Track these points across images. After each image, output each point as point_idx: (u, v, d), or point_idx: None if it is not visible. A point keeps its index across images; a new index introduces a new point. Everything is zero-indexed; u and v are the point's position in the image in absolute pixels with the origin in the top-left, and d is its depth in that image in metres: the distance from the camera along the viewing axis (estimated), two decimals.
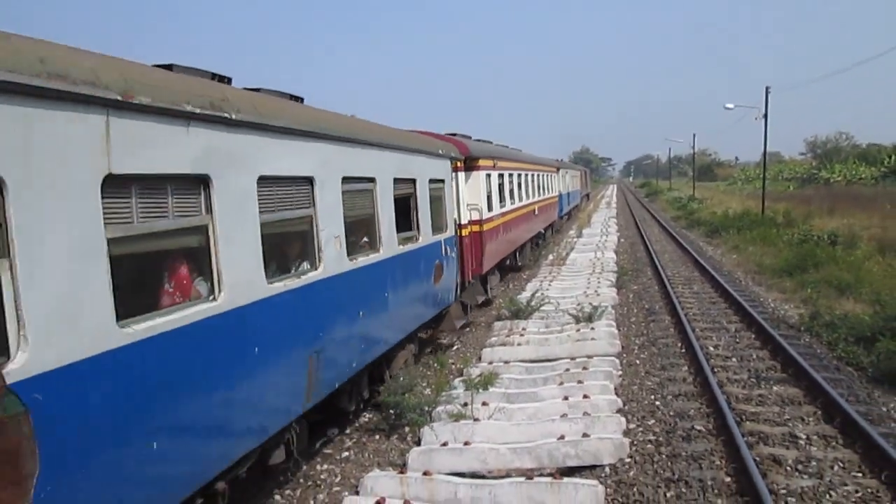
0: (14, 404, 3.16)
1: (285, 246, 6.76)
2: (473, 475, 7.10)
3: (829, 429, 7.76)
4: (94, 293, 3.74)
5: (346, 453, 8.14)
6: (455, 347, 12.92)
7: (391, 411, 8.76)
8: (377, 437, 8.58)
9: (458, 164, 13.24)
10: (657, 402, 8.94)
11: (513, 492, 6.46)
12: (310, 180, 6.61)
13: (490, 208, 15.55)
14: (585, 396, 8.74)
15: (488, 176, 15.66)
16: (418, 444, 7.97)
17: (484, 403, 8.78)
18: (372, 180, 8.35)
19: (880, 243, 23.69)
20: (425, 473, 6.96)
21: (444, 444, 7.70)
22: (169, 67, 5.13)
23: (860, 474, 6.61)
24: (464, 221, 13.69)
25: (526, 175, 21.95)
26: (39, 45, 3.60)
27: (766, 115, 34.67)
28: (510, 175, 18.77)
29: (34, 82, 3.31)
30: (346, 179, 7.39)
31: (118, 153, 3.95)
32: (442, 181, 11.73)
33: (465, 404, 8.69)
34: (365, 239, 8.41)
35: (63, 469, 3.46)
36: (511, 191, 18.81)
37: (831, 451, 7.19)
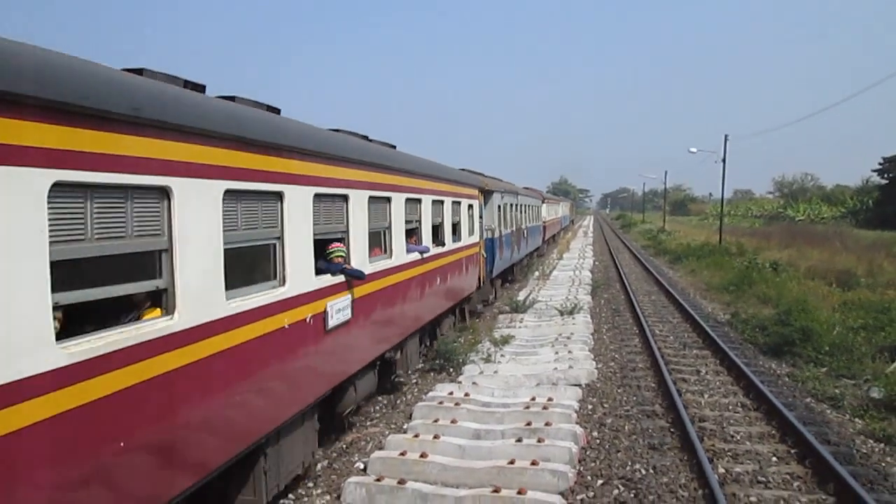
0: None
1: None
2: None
3: (721, 368, 12.48)
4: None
5: (414, 381, 12.53)
6: (471, 331, 17.38)
7: (438, 361, 13.21)
8: (431, 374, 12.98)
9: (541, 201, 36.28)
10: (616, 355, 13.59)
11: (528, 392, 10.92)
12: (523, 205, 27.12)
13: (547, 217, 40.13)
14: (569, 352, 13.28)
15: (546, 205, 39.76)
16: (461, 374, 12.38)
17: (502, 356, 13.30)
18: (531, 205, 30.69)
19: (813, 271, 28.79)
20: (473, 384, 11.43)
21: (481, 373, 12.18)
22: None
23: (730, 385, 11.27)
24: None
25: (553, 205, 48.70)
26: None
27: (724, 160, 39.95)
28: (551, 205, 45.08)
29: None
30: (518, 205, 25.61)
31: None
32: (538, 206, 34.35)
33: (489, 355, 13.18)
34: (528, 218, 29.13)
35: None
36: (549, 211, 42.83)
37: (718, 377, 11.89)
